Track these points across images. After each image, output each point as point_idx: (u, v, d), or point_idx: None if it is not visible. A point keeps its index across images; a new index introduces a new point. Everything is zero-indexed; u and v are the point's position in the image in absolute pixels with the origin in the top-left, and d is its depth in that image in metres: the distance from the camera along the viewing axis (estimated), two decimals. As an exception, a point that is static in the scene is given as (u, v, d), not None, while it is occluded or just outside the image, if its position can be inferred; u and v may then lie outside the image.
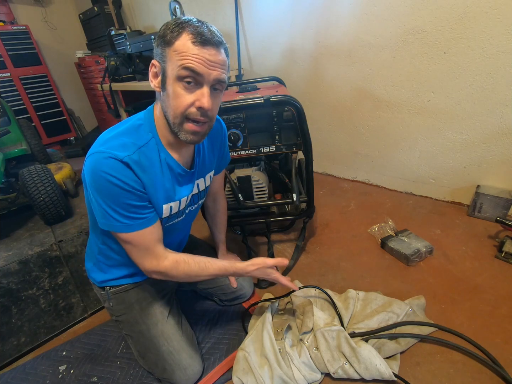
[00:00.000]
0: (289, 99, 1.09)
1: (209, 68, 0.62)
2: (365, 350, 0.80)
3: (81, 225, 1.49)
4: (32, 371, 0.96)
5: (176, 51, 0.61)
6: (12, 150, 1.97)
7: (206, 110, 0.65)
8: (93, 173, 0.63)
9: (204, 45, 0.60)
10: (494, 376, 0.79)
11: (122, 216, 0.67)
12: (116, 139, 0.66)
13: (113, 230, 0.69)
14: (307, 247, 1.40)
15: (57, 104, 3.58)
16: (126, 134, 0.68)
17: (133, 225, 0.69)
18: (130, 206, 0.67)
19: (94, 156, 0.63)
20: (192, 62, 0.60)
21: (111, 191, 0.64)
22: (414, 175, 1.69)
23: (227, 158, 1.01)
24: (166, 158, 0.73)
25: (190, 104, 0.64)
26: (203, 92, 0.64)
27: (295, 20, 1.82)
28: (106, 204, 0.66)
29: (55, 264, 1.23)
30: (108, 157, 0.62)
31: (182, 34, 0.60)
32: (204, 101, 0.63)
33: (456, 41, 1.31)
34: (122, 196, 0.65)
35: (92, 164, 0.63)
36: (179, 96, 0.63)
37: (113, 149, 0.63)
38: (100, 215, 0.68)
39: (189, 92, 0.63)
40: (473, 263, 1.18)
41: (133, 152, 0.66)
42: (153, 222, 0.73)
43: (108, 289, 0.89)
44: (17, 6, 3.45)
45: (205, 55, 0.61)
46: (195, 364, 0.85)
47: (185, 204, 0.83)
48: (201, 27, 0.61)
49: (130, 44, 2.41)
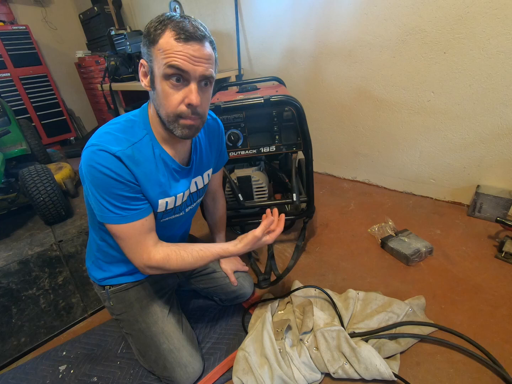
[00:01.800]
0: (289, 99, 1.09)
1: (194, 64, 0.61)
2: (365, 350, 0.80)
3: (81, 225, 1.49)
4: (32, 371, 0.96)
5: (160, 49, 0.61)
6: (12, 150, 1.97)
7: (195, 106, 0.65)
8: (87, 165, 0.65)
9: (187, 41, 0.60)
10: (494, 376, 0.79)
11: (115, 207, 0.68)
12: (111, 134, 0.67)
13: (107, 221, 0.70)
14: (307, 247, 1.40)
15: (57, 104, 3.58)
16: (120, 130, 0.69)
17: (126, 216, 0.69)
18: (122, 197, 0.68)
19: (89, 149, 0.65)
20: (176, 59, 0.60)
21: (103, 181, 0.65)
22: (414, 175, 1.69)
23: (225, 157, 1.02)
24: (161, 153, 0.74)
25: (180, 102, 0.65)
26: (191, 89, 0.64)
27: (295, 20, 1.82)
28: (100, 196, 0.67)
29: (55, 264, 1.23)
30: (100, 150, 0.64)
31: (165, 31, 0.60)
32: (193, 97, 0.64)
33: (456, 41, 1.31)
34: (114, 186, 0.66)
35: (86, 157, 0.65)
36: (168, 95, 0.64)
37: (107, 143, 0.65)
38: (96, 207, 0.70)
39: (177, 89, 0.64)
40: (473, 263, 1.18)
41: (127, 148, 0.67)
42: (146, 214, 0.73)
43: (108, 288, 0.89)
44: (17, 6, 3.45)
45: (189, 51, 0.60)
46: (196, 362, 0.85)
47: (181, 201, 0.83)
48: (183, 22, 0.60)
49: (130, 44, 2.41)
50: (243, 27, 2.13)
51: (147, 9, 2.96)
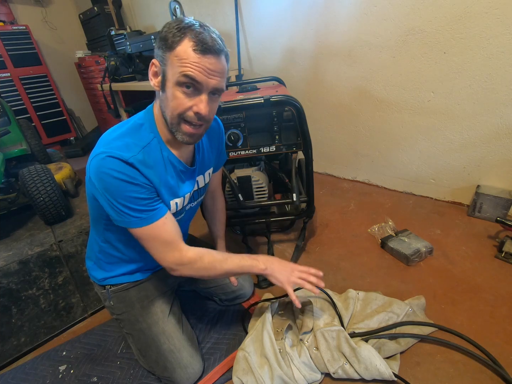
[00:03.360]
0: (289, 99, 1.09)
1: (208, 76, 0.63)
2: (365, 350, 0.80)
3: (81, 225, 1.49)
4: (32, 371, 0.96)
5: (177, 56, 0.61)
6: (12, 150, 1.97)
7: (203, 116, 0.66)
8: (99, 173, 0.64)
9: (205, 53, 0.61)
10: (494, 376, 0.79)
11: (134, 210, 0.68)
12: (119, 140, 0.67)
13: (128, 226, 0.70)
14: (307, 247, 1.40)
15: (57, 104, 3.58)
16: (128, 135, 0.69)
17: (146, 218, 0.69)
18: (139, 199, 0.68)
19: (99, 157, 0.64)
20: (192, 70, 0.61)
21: (118, 187, 0.65)
22: (414, 175, 1.69)
23: (224, 156, 1.03)
24: (168, 156, 0.74)
25: (188, 108, 0.66)
26: (201, 99, 0.65)
27: (295, 20, 1.82)
28: (116, 201, 0.66)
29: (55, 264, 1.23)
30: (112, 157, 0.63)
31: (184, 39, 0.60)
32: (202, 107, 0.65)
33: (456, 41, 1.31)
34: (130, 190, 0.66)
35: (97, 165, 0.64)
36: (178, 100, 0.65)
37: (117, 149, 0.64)
38: (114, 213, 0.69)
39: (188, 96, 0.65)
40: (473, 263, 1.18)
41: (138, 153, 0.67)
42: (164, 212, 0.73)
43: (109, 287, 0.89)
44: (17, 6, 3.45)
45: (206, 64, 0.61)
46: (196, 363, 0.85)
47: (187, 201, 0.84)
48: (203, 34, 0.61)
49: (130, 44, 2.41)
50: (243, 27, 2.13)
51: (147, 9, 2.96)
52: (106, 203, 0.68)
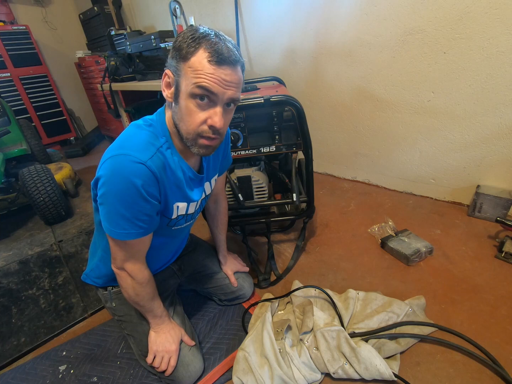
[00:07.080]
0: (289, 99, 1.09)
1: (224, 88, 0.61)
2: (365, 350, 0.80)
3: (81, 225, 1.49)
4: (32, 371, 0.96)
5: (191, 67, 0.59)
6: (12, 150, 1.97)
7: (218, 128, 0.64)
8: (116, 175, 0.62)
9: (221, 64, 0.59)
10: (494, 376, 0.79)
11: (129, 223, 0.66)
12: (135, 138, 0.66)
13: (111, 235, 0.69)
14: (307, 247, 1.40)
15: (57, 104, 3.58)
16: (142, 134, 0.68)
17: (132, 233, 0.68)
18: (142, 214, 0.67)
19: (118, 158, 0.62)
20: (207, 81, 0.59)
21: (130, 196, 0.63)
22: (414, 175, 1.69)
23: (229, 160, 1.01)
24: (179, 161, 0.73)
25: (203, 121, 0.64)
26: (216, 111, 0.63)
27: (295, 20, 1.82)
28: (116, 209, 0.64)
29: (55, 264, 1.23)
30: (133, 161, 0.61)
31: (198, 50, 0.58)
32: (216, 119, 0.63)
33: (456, 41, 1.30)
34: (138, 204, 0.65)
35: (115, 166, 0.62)
36: (192, 113, 0.63)
37: (134, 150, 0.63)
38: (106, 218, 0.68)
39: (202, 109, 0.62)
40: (473, 263, 1.18)
41: (154, 153, 0.65)
42: (149, 232, 0.73)
43: (111, 289, 0.89)
44: (17, 6, 3.45)
45: (221, 75, 0.59)
46: (197, 361, 0.86)
47: (194, 209, 0.84)
48: (219, 44, 0.58)
49: (130, 44, 2.42)
50: (243, 27, 2.13)
51: (147, 9, 2.96)
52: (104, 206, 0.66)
